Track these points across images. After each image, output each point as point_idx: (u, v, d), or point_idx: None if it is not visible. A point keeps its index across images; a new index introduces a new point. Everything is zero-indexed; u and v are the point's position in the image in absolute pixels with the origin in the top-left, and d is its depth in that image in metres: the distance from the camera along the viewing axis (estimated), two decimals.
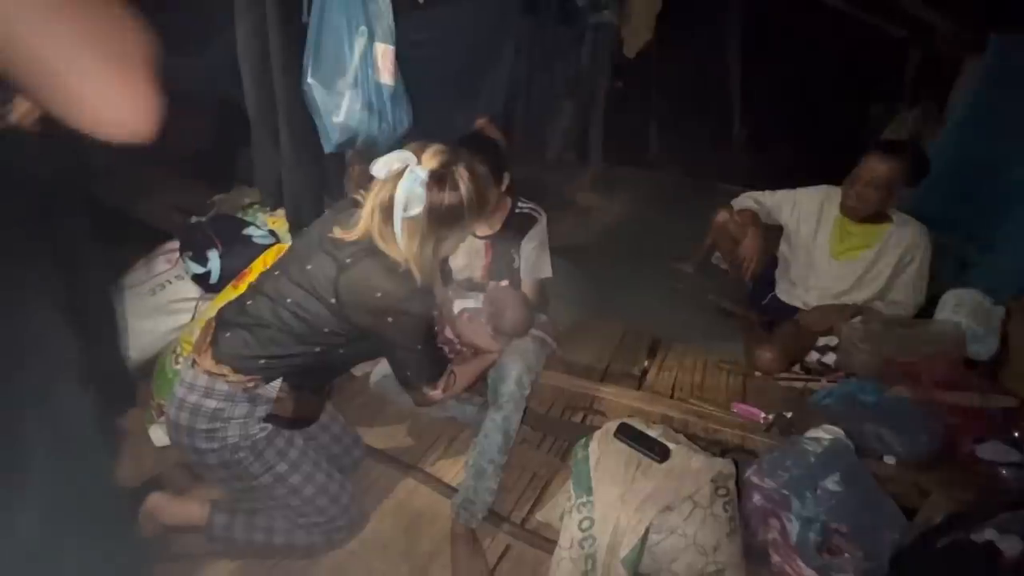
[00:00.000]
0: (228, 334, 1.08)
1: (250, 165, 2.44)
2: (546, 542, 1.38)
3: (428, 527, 1.44)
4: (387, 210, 0.99)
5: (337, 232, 1.06)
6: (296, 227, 1.67)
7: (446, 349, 1.49)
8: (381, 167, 0.98)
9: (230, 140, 3.03)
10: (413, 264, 1.03)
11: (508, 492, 1.52)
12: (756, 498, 1.29)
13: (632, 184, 3.96)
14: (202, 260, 1.76)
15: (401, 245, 1.01)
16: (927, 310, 1.91)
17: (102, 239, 2.55)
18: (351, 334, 1.10)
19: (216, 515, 1.22)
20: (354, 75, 1.47)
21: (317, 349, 1.09)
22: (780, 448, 1.34)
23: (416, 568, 1.33)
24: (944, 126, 2.95)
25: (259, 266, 1.71)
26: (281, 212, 1.96)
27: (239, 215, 2.01)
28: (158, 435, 1.58)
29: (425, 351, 1.14)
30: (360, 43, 1.45)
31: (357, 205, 1.08)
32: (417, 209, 0.98)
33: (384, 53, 1.51)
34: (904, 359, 1.65)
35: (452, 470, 1.61)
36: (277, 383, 1.09)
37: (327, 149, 1.56)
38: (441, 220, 1.02)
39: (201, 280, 1.78)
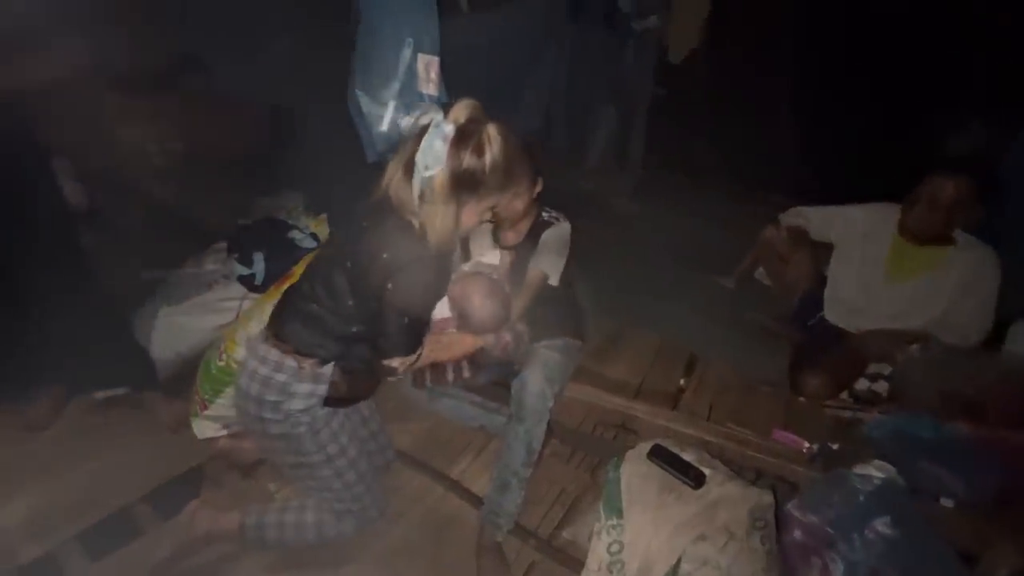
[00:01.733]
0: (287, 316, 1.11)
1: (295, 170, 2.53)
2: (573, 561, 1.36)
3: (455, 536, 1.44)
4: (408, 167, 0.96)
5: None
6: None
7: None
8: (408, 121, 0.98)
9: (276, 146, 3.15)
10: (429, 229, 0.99)
11: (535, 506, 1.51)
12: (797, 533, 1.22)
13: (673, 193, 3.87)
14: (248, 262, 1.84)
15: (416, 206, 0.98)
16: (994, 340, 1.77)
17: (157, 236, 2.71)
18: (369, 308, 1.07)
19: (248, 519, 1.27)
20: (399, 86, 1.49)
21: (354, 329, 1.09)
22: (825, 482, 1.27)
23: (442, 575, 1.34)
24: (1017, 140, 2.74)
25: (300, 268, 1.77)
26: (323, 216, 2.02)
27: (283, 218, 2.08)
28: (200, 428, 1.65)
29: (411, 326, 1.09)
30: (406, 55, 1.47)
31: None
32: (436, 168, 0.93)
33: (429, 64, 1.53)
34: (967, 392, 1.53)
35: (480, 480, 1.61)
36: (330, 366, 1.11)
37: (370, 158, 1.59)
38: (461, 183, 0.96)
39: (246, 281, 1.85)
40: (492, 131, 0.96)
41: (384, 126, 1.50)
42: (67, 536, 1.38)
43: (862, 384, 1.77)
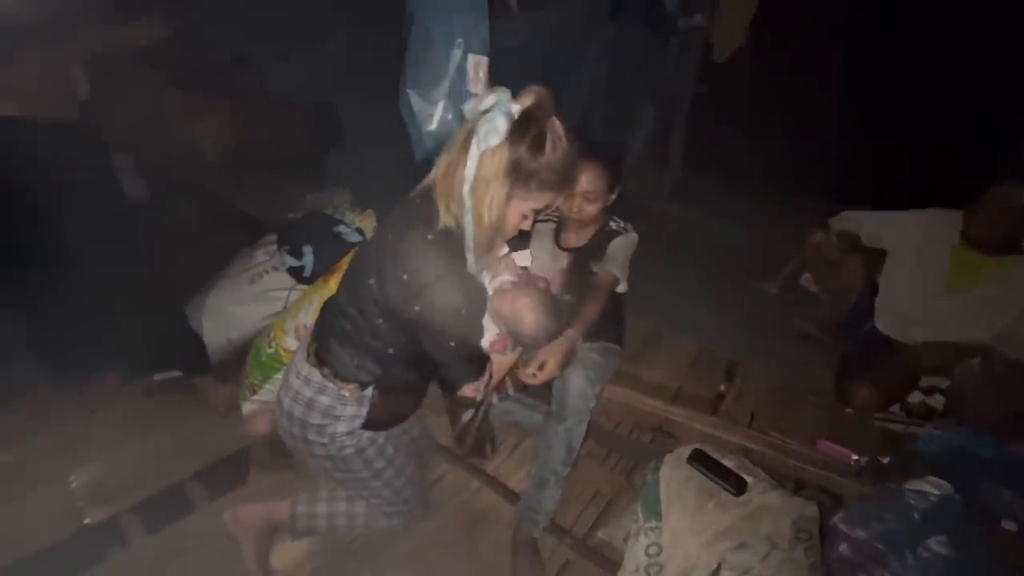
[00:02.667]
0: (325, 331, 1.06)
1: (342, 167, 2.60)
2: (608, 561, 1.36)
3: (490, 530, 1.46)
4: (463, 146, 0.89)
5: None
6: None
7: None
8: (473, 104, 0.92)
9: (325, 143, 3.26)
10: (475, 217, 0.91)
11: (570, 505, 1.51)
12: (843, 548, 1.18)
13: (713, 195, 3.79)
14: (297, 254, 1.90)
15: (466, 191, 0.89)
16: None
17: (210, 229, 2.83)
18: (400, 329, 0.98)
19: (298, 508, 1.27)
20: (448, 86, 1.52)
21: (390, 351, 1.01)
22: (874, 496, 1.22)
23: (476, 570, 1.36)
24: None
25: (347, 262, 1.82)
26: (369, 212, 2.07)
27: (329, 213, 2.14)
28: (249, 411, 1.73)
29: (463, 349, 1.01)
30: (456, 55, 1.50)
31: None
32: (495, 142, 0.86)
33: (477, 64, 1.55)
34: None
35: (516, 475, 1.62)
36: (370, 390, 1.05)
37: (418, 156, 1.62)
38: (514, 169, 0.89)
39: (295, 272, 1.92)
40: (557, 125, 0.90)
41: (433, 124, 1.53)
42: (126, 506, 1.47)
43: (915, 397, 1.70)
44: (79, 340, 1.72)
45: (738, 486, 1.25)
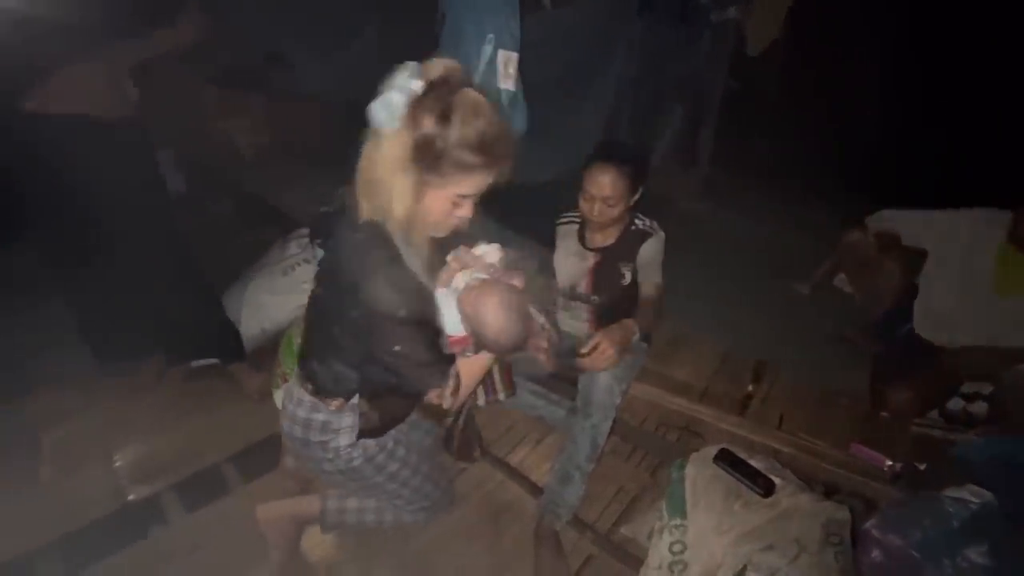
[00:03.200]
0: (305, 348, 1.04)
1: None
2: (631, 558, 1.36)
3: (513, 523, 1.47)
4: (375, 133, 0.83)
5: None
6: None
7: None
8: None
9: (355, 139, 3.31)
10: (386, 212, 0.83)
11: (594, 501, 1.51)
12: (876, 554, 1.15)
13: (744, 193, 3.71)
14: None
15: (377, 182, 0.83)
16: None
17: (246, 222, 2.91)
18: (354, 334, 0.93)
19: (329, 503, 1.27)
20: (479, 81, 1.53)
21: (355, 357, 0.96)
22: (911, 502, 1.19)
23: (499, 562, 1.37)
24: None
25: None
26: None
27: None
28: (281, 399, 1.78)
29: (410, 353, 0.90)
30: (487, 51, 1.51)
31: None
32: (391, 123, 0.78)
33: (508, 60, 1.56)
34: None
35: (540, 469, 1.63)
36: (357, 399, 1.01)
37: None
38: (419, 153, 0.79)
39: None
40: (469, 96, 0.79)
41: None
42: (166, 485, 1.54)
43: (956, 404, 1.64)
44: (124, 327, 1.80)
45: (766, 487, 1.23)
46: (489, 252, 1.07)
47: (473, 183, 0.85)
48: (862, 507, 1.34)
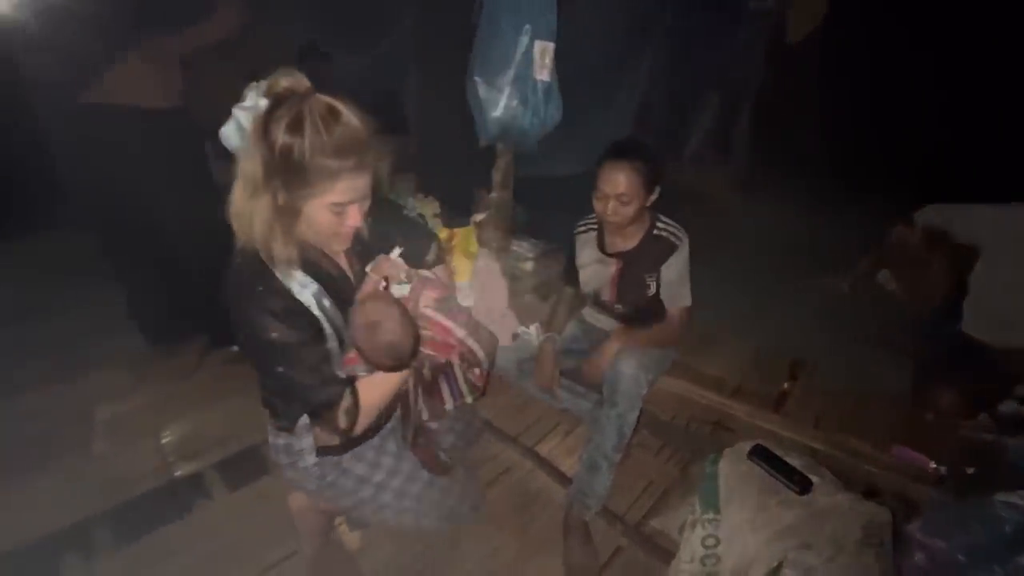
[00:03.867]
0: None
1: (404, 153, 2.68)
2: (660, 550, 1.36)
3: (541, 511, 1.48)
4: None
5: None
6: (448, 212, 1.79)
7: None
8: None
9: (386, 131, 3.36)
10: (248, 236, 0.83)
11: (623, 494, 1.51)
12: (918, 557, 1.12)
13: (780, 187, 3.60)
14: None
15: (238, 209, 0.82)
16: None
17: None
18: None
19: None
20: (515, 72, 1.53)
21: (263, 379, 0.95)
22: (957, 506, 1.15)
23: (527, 549, 1.39)
24: None
25: None
26: (431, 198, 2.13)
27: (392, 198, 2.22)
28: None
29: (293, 375, 0.87)
30: (523, 41, 1.50)
31: None
32: (238, 143, 0.80)
33: (544, 51, 1.55)
34: None
35: (568, 460, 1.64)
36: (304, 420, 0.98)
37: (482, 142, 1.65)
38: (276, 168, 0.78)
39: None
40: (318, 102, 0.77)
41: (499, 111, 1.55)
42: (209, 463, 1.60)
43: (1009, 406, 1.56)
44: (171, 314, 1.89)
45: (802, 485, 1.21)
46: (393, 259, 0.98)
47: (345, 189, 0.81)
48: (904, 510, 1.30)
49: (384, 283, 0.96)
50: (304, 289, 0.88)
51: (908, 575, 1.12)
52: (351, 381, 0.93)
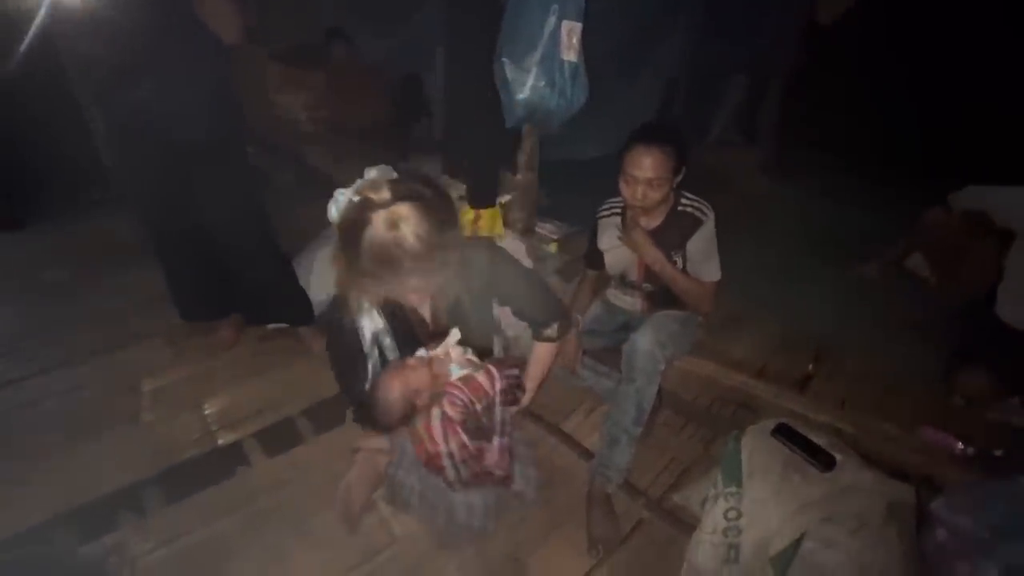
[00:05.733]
0: None
1: (427, 136, 2.71)
2: (681, 523, 1.39)
3: (566, 485, 1.52)
4: None
5: None
6: (476, 194, 1.82)
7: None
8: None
9: (411, 114, 3.39)
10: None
11: (645, 470, 1.54)
12: (941, 534, 1.13)
13: (808, 170, 3.53)
14: None
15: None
16: None
17: (308, 194, 3.06)
18: None
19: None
20: (542, 52, 1.54)
21: None
22: (984, 485, 1.15)
23: (552, 519, 1.44)
24: None
25: None
26: (455, 181, 2.16)
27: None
28: None
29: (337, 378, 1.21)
30: (551, 22, 1.50)
31: None
32: (332, 218, 0.95)
33: (571, 31, 1.55)
34: None
35: (590, 437, 1.67)
36: None
37: (509, 124, 1.66)
38: (341, 250, 0.94)
39: None
40: (381, 219, 0.88)
41: (526, 92, 1.56)
42: (248, 432, 1.69)
43: None
44: (209, 292, 1.97)
45: (826, 462, 1.22)
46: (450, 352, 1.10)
47: (390, 290, 0.96)
48: (929, 490, 1.31)
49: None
50: (369, 325, 1.10)
51: (931, 552, 1.14)
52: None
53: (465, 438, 1.09)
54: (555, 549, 1.36)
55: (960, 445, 1.37)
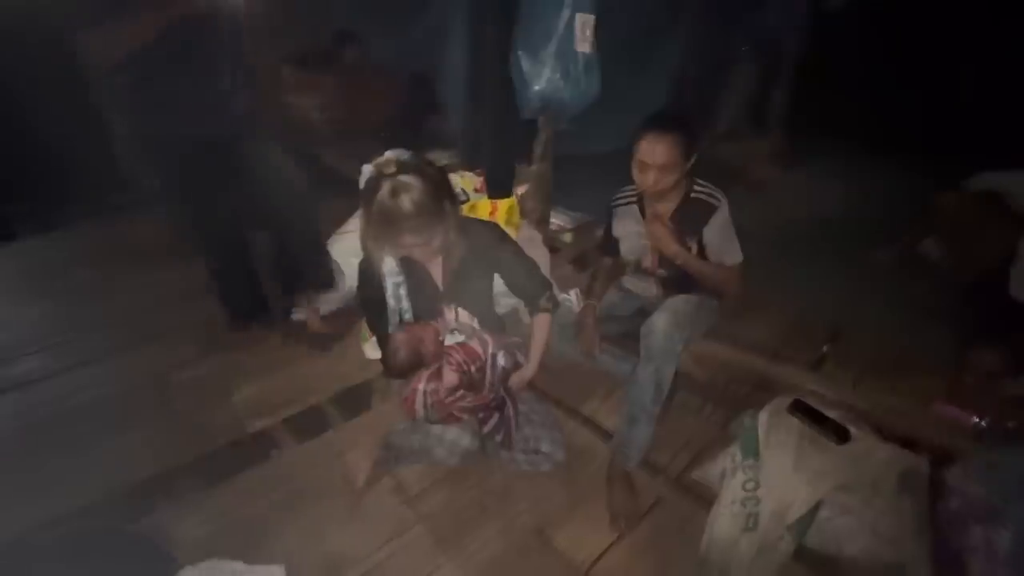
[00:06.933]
0: None
1: (438, 132, 2.76)
2: (700, 499, 1.43)
3: (586, 464, 1.57)
4: None
5: None
6: (493, 186, 1.86)
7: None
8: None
9: (417, 112, 3.45)
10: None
11: (663, 450, 1.58)
12: (954, 502, 1.17)
13: (819, 157, 3.54)
14: None
15: None
16: None
17: (326, 193, 3.14)
18: None
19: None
20: (557, 45, 1.58)
21: None
22: (996, 454, 1.18)
23: (574, 496, 1.49)
24: None
25: None
26: (469, 174, 2.21)
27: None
28: (370, 349, 1.97)
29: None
30: (566, 15, 1.55)
31: None
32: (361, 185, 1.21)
33: (585, 23, 1.59)
34: None
35: (609, 420, 1.72)
36: None
37: (525, 115, 1.70)
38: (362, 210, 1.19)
39: None
40: (388, 185, 1.13)
41: (541, 84, 1.61)
42: (278, 420, 1.75)
43: None
44: (243, 286, 2.06)
45: (841, 434, 1.26)
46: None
47: (395, 245, 1.20)
48: (943, 461, 1.34)
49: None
50: (391, 278, 1.33)
51: (944, 520, 1.17)
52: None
53: (440, 387, 1.34)
54: (578, 524, 1.41)
55: (975, 419, 1.40)
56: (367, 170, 1.18)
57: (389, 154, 1.18)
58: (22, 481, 1.50)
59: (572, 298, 1.90)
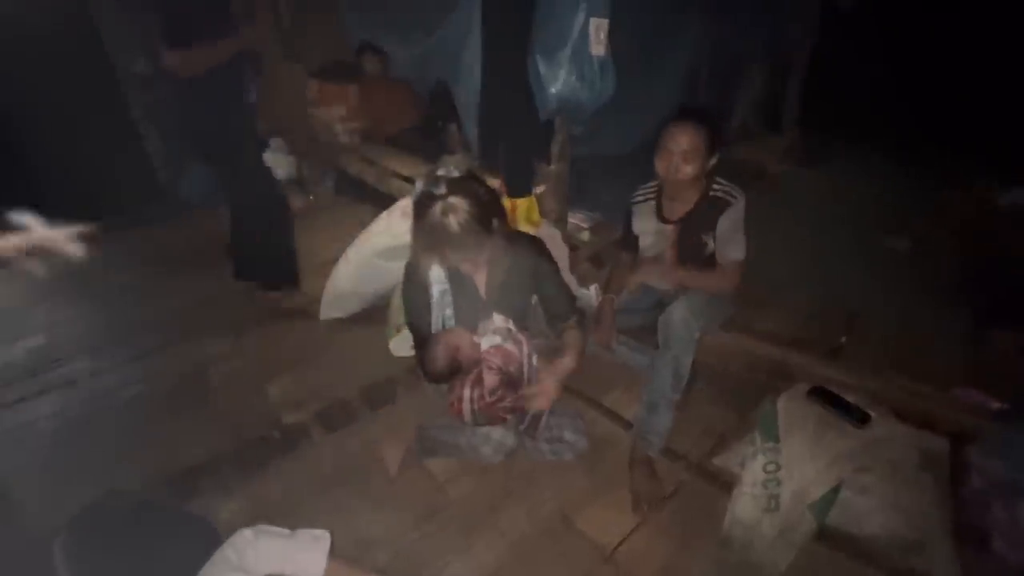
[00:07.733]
0: None
1: (457, 140, 2.84)
2: (722, 483, 1.45)
3: (609, 452, 1.61)
4: None
5: None
6: (512, 184, 1.93)
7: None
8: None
9: (437, 121, 3.54)
10: None
11: (684, 437, 1.61)
12: (976, 480, 1.18)
13: (834, 154, 3.53)
14: None
15: None
16: None
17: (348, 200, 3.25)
18: None
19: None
20: (572, 48, 1.65)
21: None
22: (1016, 431, 1.20)
23: (598, 483, 1.53)
24: None
25: None
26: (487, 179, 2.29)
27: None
28: (395, 346, 2.04)
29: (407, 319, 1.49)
30: (580, 18, 1.61)
31: None
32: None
33: (599, 26, 1.66)
34: None
35: (629, 410, 1.75)
36: None
37: (542, 117, 1.77)
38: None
39: None
40: (438, 207, 1.15)
41: (558, 86, 1.67)
42: (311, 412, 1.83)
43: None
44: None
45: (861, 418, 1.28)
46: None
47: (439, 261, 1.29)
48: (963, 443, 1.35)
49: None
50: (437, 284, 1.38)
51: (966, 498, 1.19)
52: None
53: (484, 392, 1.36)
54: (602, 509, 1.45)
55: (996, 403, 1.40)
56: (417, 185, 1.22)
57: (441, 171, 1.21)
58: (78, 467, 1.61)
59: (591, 292, 1.95)
